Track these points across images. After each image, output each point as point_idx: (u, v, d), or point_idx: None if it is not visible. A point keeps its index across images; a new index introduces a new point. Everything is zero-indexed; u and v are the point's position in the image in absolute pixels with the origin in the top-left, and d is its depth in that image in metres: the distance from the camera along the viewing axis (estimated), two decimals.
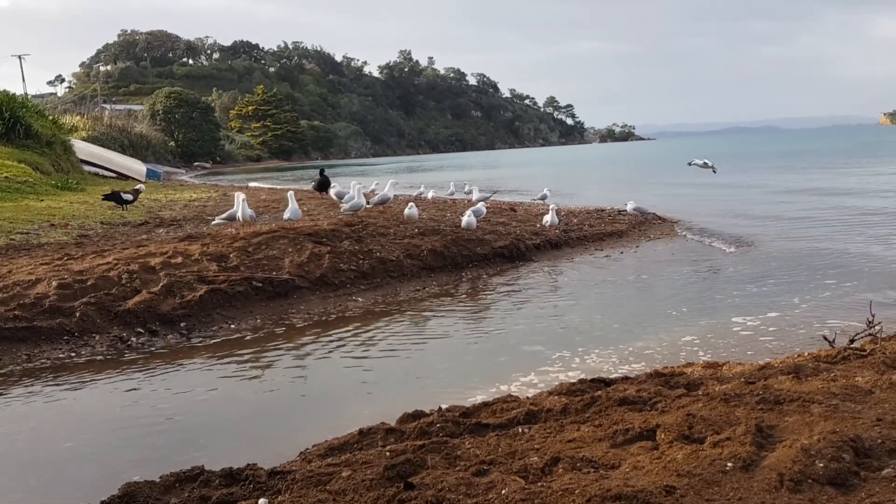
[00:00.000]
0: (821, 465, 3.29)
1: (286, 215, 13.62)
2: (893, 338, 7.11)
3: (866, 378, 5.01)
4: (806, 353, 6.60)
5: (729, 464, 3.43)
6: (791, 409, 4.23)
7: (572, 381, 6.01)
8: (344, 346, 8.57)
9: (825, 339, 7.01)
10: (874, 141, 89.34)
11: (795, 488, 3.17)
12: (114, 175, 33.38)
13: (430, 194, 21.81)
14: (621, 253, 14.38)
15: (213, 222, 13.81)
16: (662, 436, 3.99)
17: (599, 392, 5.18)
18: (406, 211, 14.84)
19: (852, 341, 6.85)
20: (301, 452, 4.93)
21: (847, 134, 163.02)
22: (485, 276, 12.46)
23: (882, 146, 70.15)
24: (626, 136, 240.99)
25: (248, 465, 4.44)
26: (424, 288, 11.60)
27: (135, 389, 7.21)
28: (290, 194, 14.43)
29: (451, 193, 23.90)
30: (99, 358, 8.30)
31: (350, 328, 9.33)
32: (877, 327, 7.08)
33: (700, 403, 4.48)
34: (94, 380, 7.54)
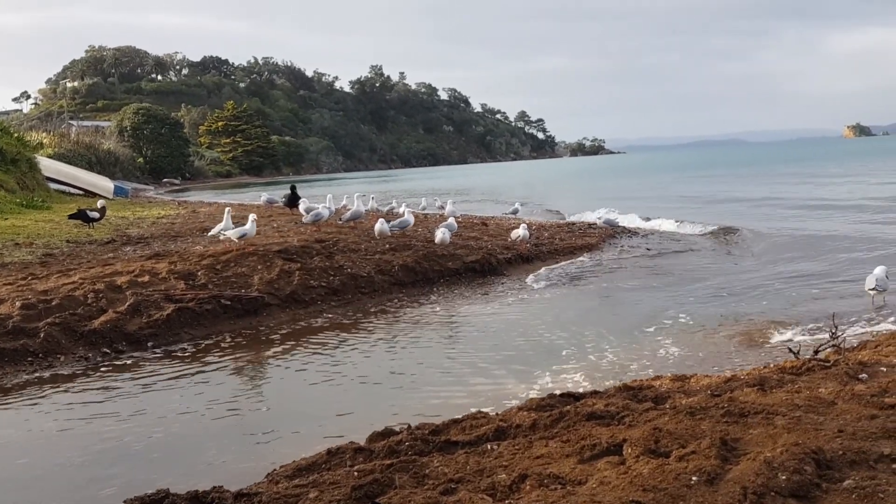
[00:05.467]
0: (783, 477, 3.33)
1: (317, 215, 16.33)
2: (857, 348, 7.24)
3: (829, 389, 5.09)
4: (772, 365, 6.67)
5: (694, 478, 3.45)
6: (755, 421, 4.28)
7: (542, 395, 6.01)
8: (314, 363, 8.51)
9: (790, 350, 7.11)
10: (836, 151, 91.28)
11: (758, 501, 3.20)
12: (81, 192, 32.91)
13: (401, 209, 21.79)
14: (591, 266, 14.47)
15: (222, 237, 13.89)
16: (629, 450, 4.01)
17: (568, 407, 5.19)
18: (377, 227, 14.82)
19: (817, 352, 6.95)
20: (268, 474, 4.87)
21: (811, 146, 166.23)
22: (456, 291, 12.46)
23: (849, 156, 71.69)
24: (597, 149, 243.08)
25: (214, 487, 4.39)
26: (396, 303, 11.57)
27: (97, 410, 7.08)
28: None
29: (423, 208, 23.92)
30: (63, 378, 8.14)
31: (320, 346, 9.27)
32: (840, 338, 7.20)
33: (666, 417, 4.51)
34: (57, 400, 7.40)
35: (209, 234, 14.65)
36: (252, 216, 13.31)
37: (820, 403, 4.65)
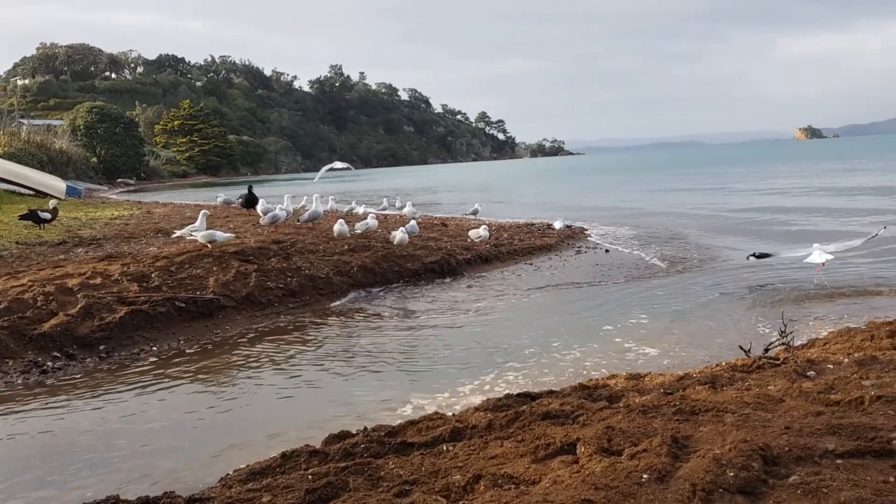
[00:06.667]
0: (731, 474, 3.39)
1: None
2: (806, 346, 7.42)
3: (778, 386, 5.20)
4: (723, 363, 6.80)
5: (645, 475, 3.50)
6: (706, 419, 4.35)
7: (499, 396, 6.04)
8: (270, 366, 8.42)
9: (741, 348, 7.24)
10: (788, 153, 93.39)
11: (707, 498, 3.26)
12: (32, 193, 32.11)
13: (361, 209, 21.71)
14: (550, 267, 14.57)
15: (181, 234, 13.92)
16: (582, 449, 4.05)
17: (524, 407, 5.22)
18: (335, 227, 14.75)
19: (767, 350, 7.10)
20: (221, 478, 4.81)
21: (765, 147, 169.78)
22: (415, 292, 12.44)
23: (799, 157, 73.43)
24: (556, 150, 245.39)
25: (166, 493, 4.32)
26: (354, 305, 11.51)
27: (47, 416, 6.92)
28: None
29: (384, 209, 23.86)
30: (10, 384, 7.93)
31: (277, 348, 9.18)
32: (789, 336, 7.36)
33: (620, 416, 4.57)
34: (4, 406, 7.20)
35: (175, 234, 14.40)
36: (231, 235, 13.08)
37: (769, 401, 4.75)
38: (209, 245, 12.41)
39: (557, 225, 19.21)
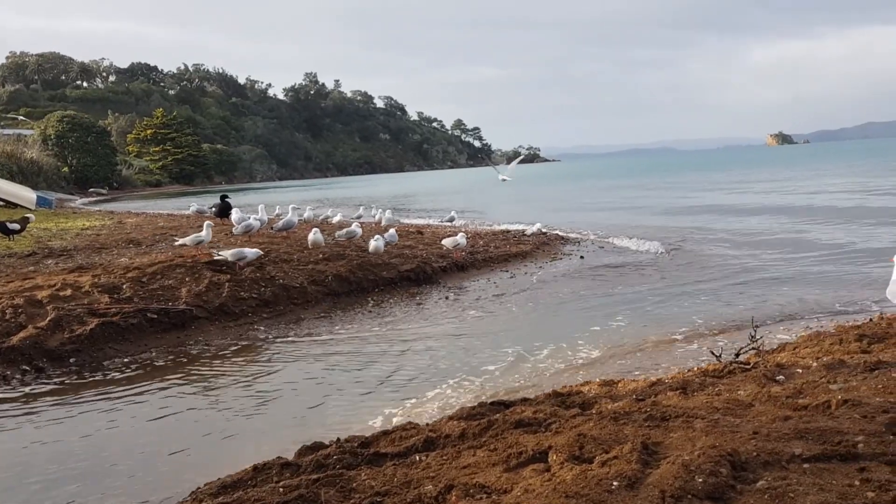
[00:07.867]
0: (700, 480, 3.41)
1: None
2: (776, 350, 7.50)
3: (748, 391, 5.25)
4: (695, 368, 6.86)
5: (615, 483, 3.51)
6: (676, 424, 4.38)
7: (473, 404, 6.03)
8: (242, 377, 8.35)
9: (713, 353, 7.31)
10: (759, 158, 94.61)
11: None
12: (1, 203, 31.65)
13: (336, 218, 21.64)
14: (526, 274, 14.62)
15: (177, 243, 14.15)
16: (554, 457, 4.05)
17: (497, 415, 5.21)
18: (310, 236, 14.68)
19: (737, 355, 7.17)
20: (192, 492, 4.75)
21: (737, 153, 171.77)
22: (390, 300, 12.42)
23: (770, 162, 74.38)
24: (532, 157, 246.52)
25: None
26: (328, 314, 11.46)
27: (13, 431, 6.80)
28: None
29: (359, 216, 23.81)
30: None
31: (248, 358, 9.11)
32: (759, 341, 7.44)
33: (591, 423, 4.58)
34: None
35: (178, 242, 14.29)
36: (259, 251, 12.76)
37: (738, 406, 4.79)
38: (239, 262, 12.18)
39: (532, 231, 19.29)
